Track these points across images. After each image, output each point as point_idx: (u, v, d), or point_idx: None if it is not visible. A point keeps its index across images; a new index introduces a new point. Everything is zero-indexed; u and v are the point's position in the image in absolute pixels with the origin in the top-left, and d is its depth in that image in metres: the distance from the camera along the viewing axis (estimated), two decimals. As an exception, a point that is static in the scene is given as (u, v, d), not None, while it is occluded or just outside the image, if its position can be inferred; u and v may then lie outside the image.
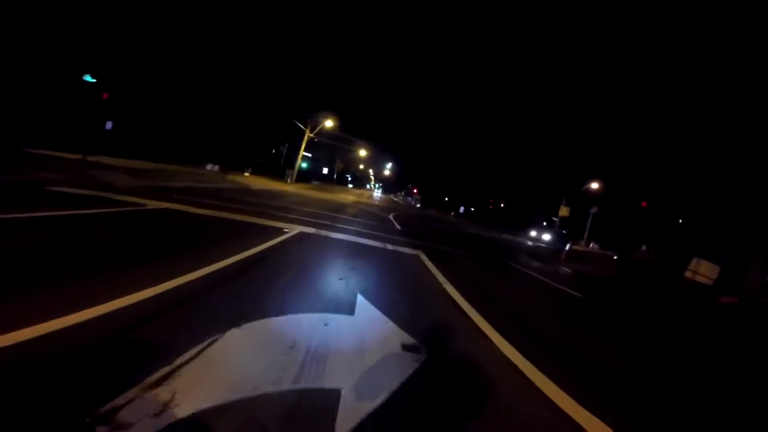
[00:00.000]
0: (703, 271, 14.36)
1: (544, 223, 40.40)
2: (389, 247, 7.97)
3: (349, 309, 3.46)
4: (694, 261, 14.81)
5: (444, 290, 5.15)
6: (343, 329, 2.97)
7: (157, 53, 26.77)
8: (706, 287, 13.62)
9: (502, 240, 22.45)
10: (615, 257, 20.18)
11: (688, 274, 14.65)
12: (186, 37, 28.29)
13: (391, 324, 3.28)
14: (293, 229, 7.31)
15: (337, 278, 4.44)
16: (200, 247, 4.65)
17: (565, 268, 12.73)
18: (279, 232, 6.75)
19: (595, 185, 28.63)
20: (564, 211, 22.79)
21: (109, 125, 19.81)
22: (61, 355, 1.87)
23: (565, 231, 29.55)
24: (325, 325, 2.96)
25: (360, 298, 3.82)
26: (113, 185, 8.79)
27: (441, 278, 5.83)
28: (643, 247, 30.99)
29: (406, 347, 2.86)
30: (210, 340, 2.33)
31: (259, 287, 3.57)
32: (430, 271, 6.27)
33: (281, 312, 3.02)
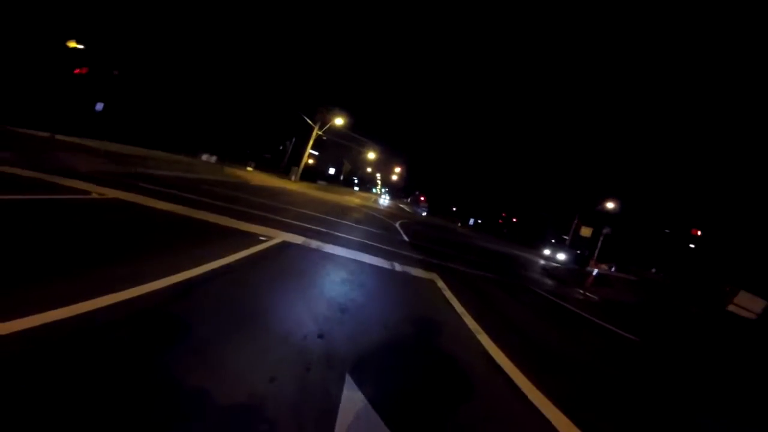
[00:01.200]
0: (747, 304, 12.72)
1: (552, 240, 38.60)
2: (397, 267, 6.23)
3: (327, 426, 1.72)
4: (742, 294, 12.99)
5: (480, 347, 3.42)
6: None
7: (165, 38, 25.45)
8: (752, 321, 12.26)
9: (517, 257, 20.62)
10: (634, 279, 19.01)
11: (732, 308, 12.86)
12: (196, 23, 27.02)
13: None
14: (274, 237, 5.60)
15: (314, 334, 2.66)
16: (106, 263, 2.95)
17: (591, 295, 11.49)
18: (252, 240, 5.05)
19: (610, 205, 26.80)
20: (586, 232, 20.98)
21: (99, 106, 18.38)
22: None
23: (579, 251, 27.86)
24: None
25: (350, 384, 2.08)
26: (74, 169, 7.40)
27: (470, 322, 4.09)
28: (653, 270, 29.68)
29: None
30: None
31: (135, 368, 1.84)
32: (454, 310, 4.52)
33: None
